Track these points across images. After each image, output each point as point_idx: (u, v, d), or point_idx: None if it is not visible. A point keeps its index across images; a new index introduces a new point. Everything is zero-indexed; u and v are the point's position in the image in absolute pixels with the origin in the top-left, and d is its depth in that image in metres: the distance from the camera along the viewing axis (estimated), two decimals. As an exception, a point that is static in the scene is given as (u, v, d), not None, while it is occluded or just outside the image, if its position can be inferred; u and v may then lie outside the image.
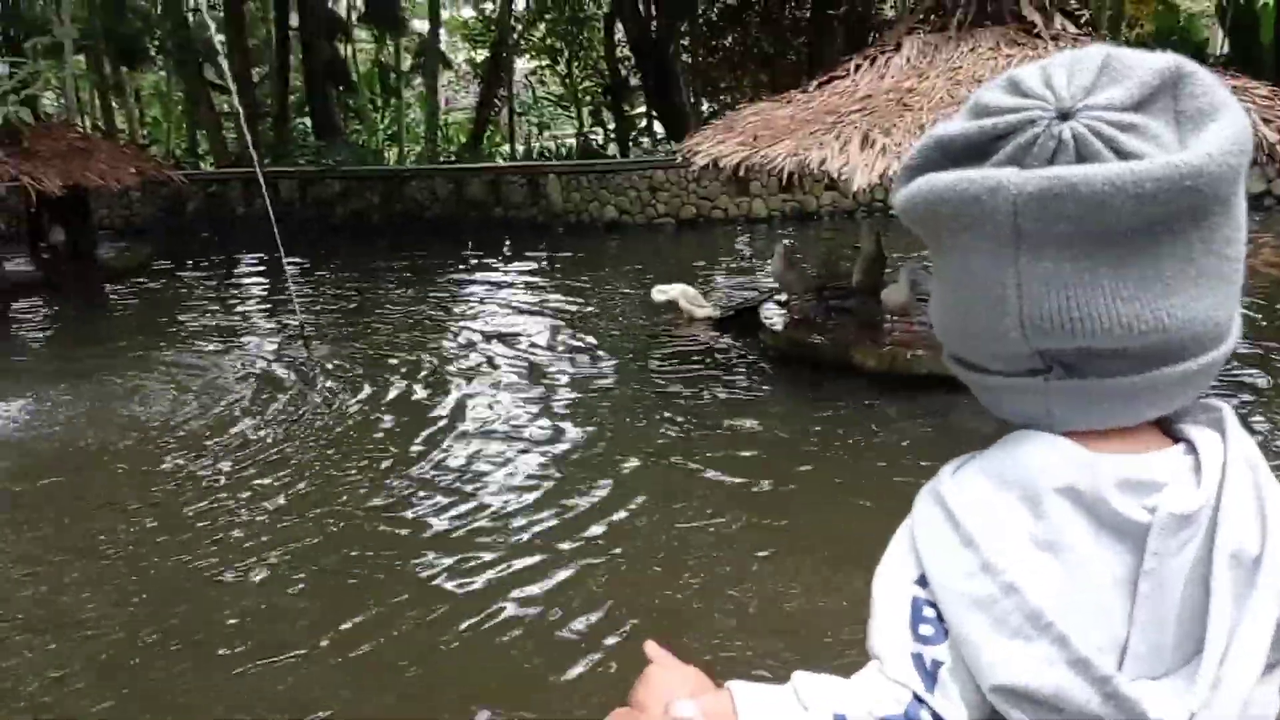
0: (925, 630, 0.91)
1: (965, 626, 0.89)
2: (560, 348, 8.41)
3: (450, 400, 7.02)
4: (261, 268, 13.36)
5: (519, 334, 8.92)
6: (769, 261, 9.13)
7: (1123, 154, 0.83)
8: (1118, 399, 0.91)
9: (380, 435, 6.37)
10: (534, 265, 12.72)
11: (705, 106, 21.70)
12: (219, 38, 19.74)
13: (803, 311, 7.85)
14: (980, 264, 0.89)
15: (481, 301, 10.62)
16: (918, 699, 0.90)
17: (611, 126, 21.45)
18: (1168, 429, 0.96)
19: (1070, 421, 0.92)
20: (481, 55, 26.71)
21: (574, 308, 9.96)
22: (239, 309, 11.16)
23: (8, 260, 12.56)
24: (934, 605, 0.92)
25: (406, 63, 24.51)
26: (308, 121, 22.16)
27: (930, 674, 0.90)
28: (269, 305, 11.17)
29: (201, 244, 15.71)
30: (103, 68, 21.07)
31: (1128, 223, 0.83)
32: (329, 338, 9.02)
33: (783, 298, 8.17)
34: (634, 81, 22.08)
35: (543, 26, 25.18)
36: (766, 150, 6.60)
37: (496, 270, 12.45)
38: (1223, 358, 0.91)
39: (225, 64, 15.04)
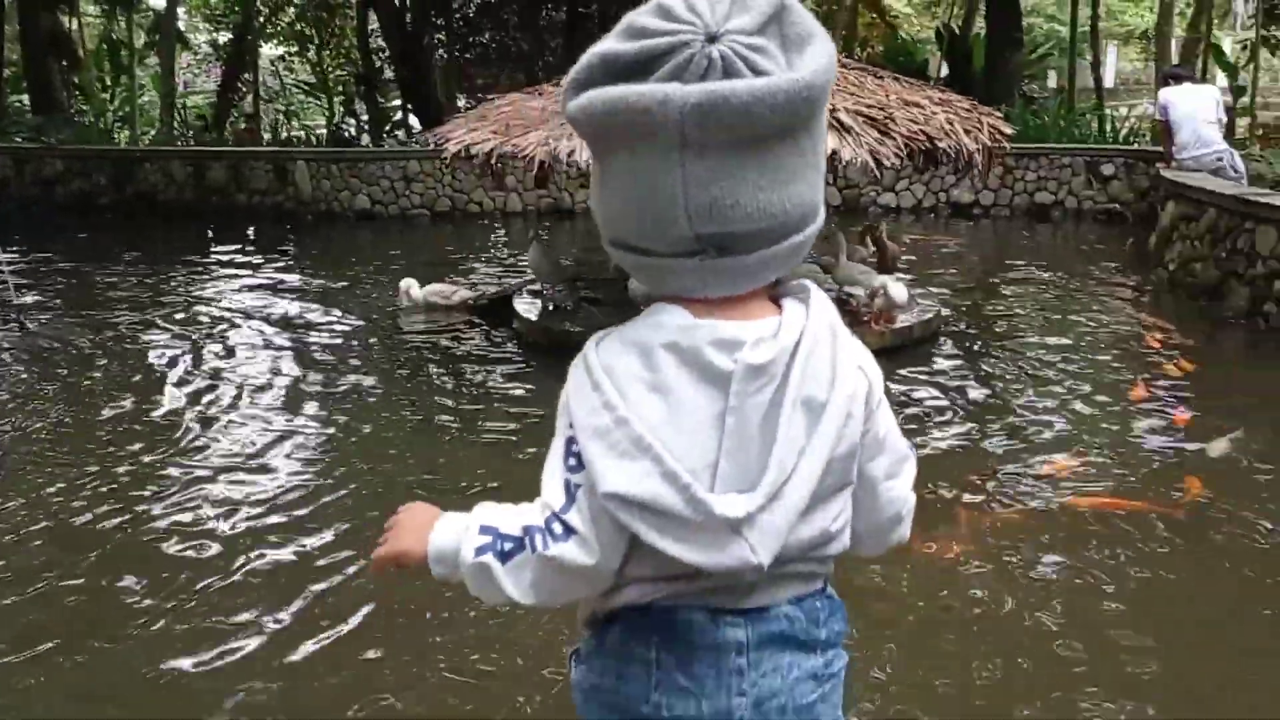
0: (572, 462, 1.10)
1: (589, 450, 1.08)
2: (310, 327, 8.17)
3: (189, 381, 6.70)
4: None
5: (267, 312, 8.66)
6: (525, 254, 9.11)
7: (757, 72, 1.00)
8: (754, 270, 1.10)
9: (115, 414, 6.00)
10: (281, 251, 12.27)
11: (462, 102, 21.55)
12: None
13: (557, 301, 7.96)
14: (650, 164, 1.04)
15: (222, 282, 10.16)
16: (556, 514, 1.11)
17: (365, 118, 20.91)
18: (777, 302, 1.17)
19: (719, 290, 1.11)
20: (224, 37, 25.47)
21: (326, 291, 9.74)
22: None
23: None
24: (578, 443, 1.10)
25: (140, 40, 22.99)
26: (25, 98, 20.49)
27: (570, 494, 1.10)
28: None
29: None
30: None
31: (765, 128, 1.01)
32: (50, 319, 8.38)
33: (537, 288, 8.25)
34: (388, 73, 21.65)
35: (291, 11, 24.31)
36: (518, 140, 6.62)
37: (239, 255, 11.88)
38: (816, 232, 1.12)
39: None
